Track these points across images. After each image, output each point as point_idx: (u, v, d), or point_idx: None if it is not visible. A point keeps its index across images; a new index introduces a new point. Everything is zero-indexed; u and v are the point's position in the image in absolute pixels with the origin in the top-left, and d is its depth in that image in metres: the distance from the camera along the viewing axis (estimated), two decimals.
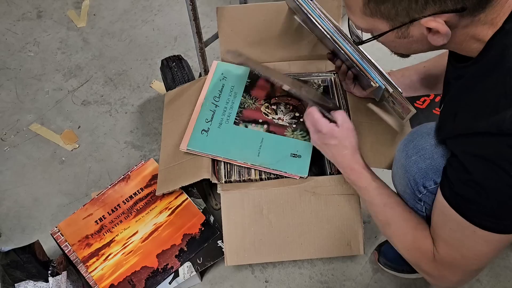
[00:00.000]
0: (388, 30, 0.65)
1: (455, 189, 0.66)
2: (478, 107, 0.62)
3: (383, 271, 1.18)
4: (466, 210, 0.66)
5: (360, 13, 0.66)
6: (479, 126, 0.61)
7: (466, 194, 0.65)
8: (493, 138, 0.60)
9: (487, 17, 0.60)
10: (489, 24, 0.61)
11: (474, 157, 0.62)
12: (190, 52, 1.66)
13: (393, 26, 0.64)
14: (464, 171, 0.64)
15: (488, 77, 0.62)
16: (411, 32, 0.64)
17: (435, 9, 0.59)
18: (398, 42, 0.69)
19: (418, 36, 0.65)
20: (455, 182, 0.66)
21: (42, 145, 1.47)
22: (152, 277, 1.08)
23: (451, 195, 0.68)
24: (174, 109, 1.20)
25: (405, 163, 0.81)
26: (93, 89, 1.60)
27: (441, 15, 0.59)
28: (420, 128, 0.82)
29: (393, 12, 0.62)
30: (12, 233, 1.30)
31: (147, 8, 1.83)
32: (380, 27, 0.66)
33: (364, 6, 0.64)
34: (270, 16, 1.19)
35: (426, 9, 0.59)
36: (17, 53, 1.71)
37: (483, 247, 0.68)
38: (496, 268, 1.18)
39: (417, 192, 0.80)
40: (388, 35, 0.67)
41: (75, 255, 1.10)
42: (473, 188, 0.63)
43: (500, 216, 0.63)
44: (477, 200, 0.64)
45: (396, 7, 0.61)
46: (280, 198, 1.03)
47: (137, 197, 1.17)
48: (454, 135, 0.68)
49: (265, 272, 1.20)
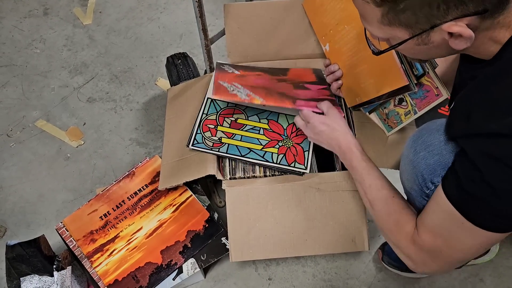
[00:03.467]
0: (408, 38, 0.64)
1: (462, 184, 0.66)
2: (492, 108, 0.62)
3: (387, 270, 1.18)
4: (464, 204, 0.67)
5: (377, 23, 0.65)
6: (492, 127, 0.61)
7: (474, 191, 0.65)
8: (505, 139, 0.60)
9: (505, 20, 0.60)
10: (506, 26, 0.61)
11: (486, 156, 0.62)
12: (195, 50, 1.67)
13: (413, 33, 0.63)
14: (474, 168, 0.64)
15: (503, 79, 0.62)
16: (432, 38, 0.63)
17: (457, 13, 0.58)
18: (418, 49, 0.68)
19: (439, 42, 0.64)
20: (463, 178, 0.66)
21: (47, 142, 1.48)
22: (156, 273, 1.08)
23: (454, 189, 0.68)
24: (178, 105, 1.21)
25: (413, 159, 0.81)
26: (99, 86, 1.61)
27: (462, 18, 0.59)
28: (429, 125, 0.82)
29: (413, 20, 0.61)
30: (17, 228, 1.31)
31: (153, 6, 1.84)
32: (399, 35, 0.65)
33: (383, 16, 0.63)
34: (277, 14, 1.20)
35: (448, 14, 0.59)
36: (23, 50, 1.71)
37: (469, 240, 0.69)
38: (499, 268, 1.17)
39: (425, 188, 0.80)
40: (408, 43, 0.66)
41: (80, 250, 1.11)
42: (482, 186, 0.63)
43: (503, 216, 0.64)
44: (482, 196, 0.64)
45: (417, 14, 0.60)
46: (285, 194, 1.03)
47: (141, 194, 1.17)
48: (466, 134, 0.68)
49: (268, 270, 1.20)
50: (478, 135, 0.64)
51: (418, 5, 0.59)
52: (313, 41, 1.20)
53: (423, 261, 0.77)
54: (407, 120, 1.02)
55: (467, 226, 0.67)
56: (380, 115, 1.07)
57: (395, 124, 1.05)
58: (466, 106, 0.68)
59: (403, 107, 1.02)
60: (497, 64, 0.64)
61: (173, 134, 1.14)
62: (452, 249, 0.72)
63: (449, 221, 0.69)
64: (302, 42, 1.20)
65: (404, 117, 1.02)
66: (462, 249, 0.71)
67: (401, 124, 1.04)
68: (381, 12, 0.62)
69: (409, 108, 1.01)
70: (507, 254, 1.19)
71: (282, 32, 1.20)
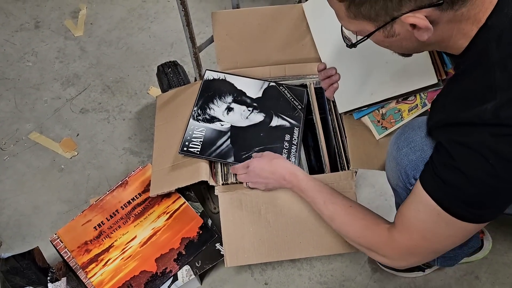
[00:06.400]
0: (374, 30, 0.67)
1: (436, 171, 0.68)
2: (465, 99, 0.64)
3: (382, 270, 1.18)
4: (439, 194, 0.68)
5: (346, 18, 0.68)
6: (464, 116, 0.63)
7: (445, 177, 0.66)
8: (476, 127, 0.62)
9: (469, 12, 0.62)
10: (472, 19, 0.63)
11: (458, 144, 0.64)
12: (186, 57, 1.68)
13: (378, 26, 0.66)
14: (448, 156, 0.66)
15: (474, 71, 0.64)
16: (396, 30, 0.66)
17: (412, 6, 0.60)
18: (388, 41, 0.70)
19: (404, 33, 0.66)
20: (438, 165, 0.68)
21: (41, 154, 1.48)
22: (151, 281, 1.08)
23: (429, 178, 0.70)
24: (167, 112, 1.21)
25: (397, 155, 0.82)
26: (91, 97, 1.61)
27: (420, 10, 0.61)
28: (412, 122, 0.84)
29: (373, 13, 0.64)
30: (13, 241, 1.31)
31: (143, 16, 1.85)
32: (366, 28, 0.67)
33: (347, 10, 0.66)
34: (265, 20, 1.21)
35: (402, 6, 0.61)
36: (15, 63, 1.72)
37: (445, 231, 0.70)
38: (494, 265, 1.18)
39: (408, 184, 0.81)
40: (377, 35, 0.68)
41: (75, 261, 1.11)
42: (454, 173, 0.65)
43: (472, 204, 0.65)
44: (454, 184, 0.65)
45: (374, 7, 0.63)
46: (278, 197, 1.04)
47: (135, 202, 1.18)
48: (441, 125, 0.70)
49: (264, 274, 1.20)
50: (451, 125, 0.66)
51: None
52: (301, 46, 1.21)
53: (401, 257, 0.78)
54: (410, 116, 1.01)
55: (443, 217, 0.68)
56: (373, 117, 1.08)
57: (392, 123, 1.05)
58: (442, 99, 0.70)
59: (408, 102, 1.02)
60: (466, 57, 0.66)
61: (164, 141, 1.15)
62: (429, 242, 0.73)
63: (425, 213, 0.71)
64: (291, 47, 1.21)
65: (407, 114, 1.02)
66: (439, 241, 0.72)
67: (400, 122, 1.03)
68: (345, 7, 0.65)
69: (417, 102, 1.00)
70: (501, 251, 1.20)
71: (271, 38, 1.21)
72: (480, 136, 0.61)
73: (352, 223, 0.86)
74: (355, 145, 1.08)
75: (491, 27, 0.62)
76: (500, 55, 0.61)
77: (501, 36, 0.61)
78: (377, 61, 1.01)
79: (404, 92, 0.98)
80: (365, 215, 0.86)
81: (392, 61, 0.97)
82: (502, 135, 0.59)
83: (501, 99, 0.59)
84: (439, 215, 0.68)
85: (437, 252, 0.77)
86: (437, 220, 0.69)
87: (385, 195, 1.31)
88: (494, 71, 0.60)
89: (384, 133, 1.07)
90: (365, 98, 1.04)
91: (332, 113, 1.15)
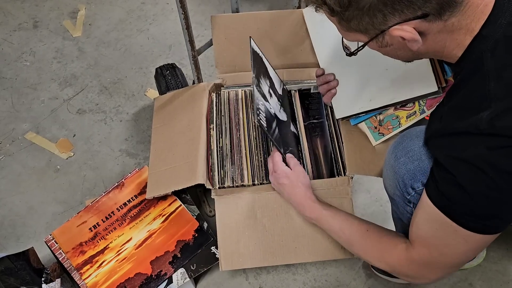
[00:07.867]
0: (367, 41, 0.68)
1: (439, 187, 0.68)
2: (461, 108, 0.65)
3: (377, 276, 1.19)
4: (449, 209, 0.68)
5: (341, 29, 0.70)
6: (460, 125, 0.63)
7: (450, 193, 0.66)
8: (472, 138, 0.62)
9: (461, 22, 0.62)
10: (465, 29, 0.63)
11: (456, 160, 0.64)
12: (185, 60, 1.68)
13: (370, 37, 0.67)
14: (447, 172, 0.66)
15: (470, 81, 0.65)
16: (389, 41, 0.67)
17: (397, 19, 0.62)
18: (384, 50, 0.71)
19: (397, 44, 0.67)
20: (440, 180, 0.68)
21: (37, 154, 1.48)
22: (146, 283, 1.08)
23: (436, 193, 0.69)
24: (165, 114, 1.21)
25: (394, 164, 0.82)
26: (88, 98, 1.61)
27: (406, 23, 0.62)
28: (410, 131, 0.84)
29: (362, 26, 0.65)
30: (7, 241, 1.30)
31: (142, 18, 1.85)
32: (361, 39, 0.69)
33: (339, 24, 0.68)
34: (263, 24, 1.21)
35: (387, 20, 0.62)
36: (13, 63, 1.72)
37: (463, 246, 0.70)
38: (488, 273, 1.18)
39: (406, 194, 0.81)
40: (371, 45, 0.70)
41: (69, 262, 1.10)
42: (457, 189, 0.65)
43: (481, 216, 0.65)
44: (460, 200, 0.65)
45: (361, 22, 0.64)
46: (274, 202, 1.04)
47: (131, 204, 1.18)
48: (438, 135, 0.70)
49: (259, 279, 1.20)
50: (448, 135, 0.66)
51: (359, 15, 0.63)
52: (299, 51, 1.21)
53: (422, 275, 0.78)
54: (408, 123, 1.01)
55: (457, 230, 0.68)
56: (370, 123, 1.08)
57: (390, 130, 1.05)
58: (440, 109, 0.70)
59: (407, 108, 1.02)
60: (460, 67, 0.67)
61: (161, 143, 1.15)
62: (447, 257, 0.73)
63: (440, 229, 0.70)
64: (290, 52, 1.22)
65: (405, 120, 1.02)
66: (457, 254, 0.72)
67: (398, 128, 1.03)
68: (337, 21, 0.68)
69: (415, 109, 1.00)
70: (495, 258, 1.20)
71: (270, 43, 1.21)
72: (477, 149, 0.61)
73: (370, 249, 0.86)
74: (351, 151, 1.09)
75: (485, 37, 0.62)
76: (495, 65, 0.61)
77: (495, 46, 0.61)
78: (377, 68, 1.01)
79: (403, 99, 0.98)
80: (381, 237, 0.85)
81: (392, 68, 0.98)
82: (498, 147, 0.60)
83: (496, 109, 0.59)
84: (456, 231, 0.68)
85: (457, 266, 0.76)
86: (455, 237, 0.69)
87: (380, 201, 1.32)
88: (489, 80, 0.61)
89: (380, 139, 1.07)
90: (363, 104, 1.04)
91: (329, 118, 1.16)
